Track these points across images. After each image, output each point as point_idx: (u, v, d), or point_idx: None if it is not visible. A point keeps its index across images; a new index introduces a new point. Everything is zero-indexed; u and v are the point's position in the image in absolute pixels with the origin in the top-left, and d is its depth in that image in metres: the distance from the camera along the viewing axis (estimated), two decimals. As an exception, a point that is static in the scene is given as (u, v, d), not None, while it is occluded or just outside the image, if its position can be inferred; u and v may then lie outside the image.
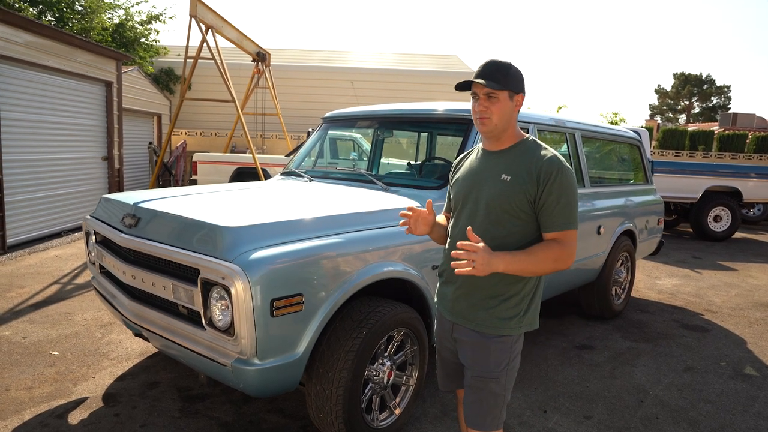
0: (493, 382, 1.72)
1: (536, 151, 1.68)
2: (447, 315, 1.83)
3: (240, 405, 2.85)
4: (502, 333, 1.71)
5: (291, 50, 17.84)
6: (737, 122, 19.40)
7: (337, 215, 2.43)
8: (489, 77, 1.64)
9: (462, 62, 16.72)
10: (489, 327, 1.71)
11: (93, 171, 8.12)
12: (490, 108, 1.66)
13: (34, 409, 2.73)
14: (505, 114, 1.68)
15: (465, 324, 1.76)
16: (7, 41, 5.99)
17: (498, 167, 1.71)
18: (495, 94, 1.65)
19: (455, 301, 1.78)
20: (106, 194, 3.03)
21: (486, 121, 1.68)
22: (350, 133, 8.28)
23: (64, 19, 12.64)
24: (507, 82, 1.66)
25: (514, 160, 1.69)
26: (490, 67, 1.67)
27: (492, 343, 1.71)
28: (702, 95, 42.60)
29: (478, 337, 1.73)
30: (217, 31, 8.21)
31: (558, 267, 1.63)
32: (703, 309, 5.11)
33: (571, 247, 1.63)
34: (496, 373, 1.72)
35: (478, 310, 1.72)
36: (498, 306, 1.70)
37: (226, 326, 2.03)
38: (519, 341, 1.76)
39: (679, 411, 3.01)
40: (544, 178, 1.62)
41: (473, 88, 1.69)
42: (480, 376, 1.73)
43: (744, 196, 9.43)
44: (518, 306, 1.72)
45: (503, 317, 1.70)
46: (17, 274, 5.17)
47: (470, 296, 1.74)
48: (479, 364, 1.73)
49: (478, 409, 1.73)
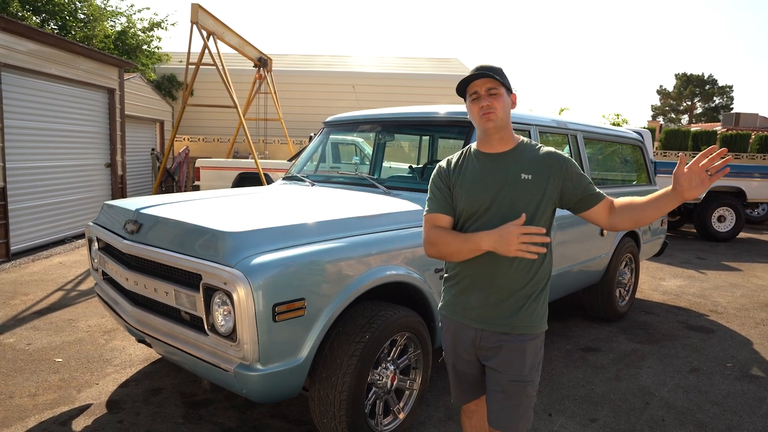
0: (529, 386, 1.73)
1: (539, 149, 1.76)
2: (472, 323, 1.76)
3: (243, 410, 2.84)
4: (537, 332, 1.73)
5: (292, 55, 17.89)
6: (740, 122, 19.35)
7: (339, 219, 2.42)
8: (489, 74, 1.68)
9: (463, 65, 16.73)
10: (527, 327, 1.72)
11: (96, 178, 8.15)
12: (493, 103, 1.69)
13: (38, 416, 2.73)
14: (507, 109, 1.72)
15: (500, 329, 1.72)
16: (11, 50, 6.02)
17: (514, 168, 1.72)
18: (496, 89, 1.69)
19: (485, 307, 1.73)
20: (109, 201, 3.03)
21: (492, 116, 1.69)
22: (352, 137, 8.28)
23: (67, 27, 12.71)
24: (503, 79, 1.71)
25: (526, 159, 1.73)
26: (484, 67, 1.72)
27: (528, 344, 1.72)
28: (704, 95, 42.52)
29: (514, 340, 1.71)
30: (219, 37, 8.24)
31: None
32: (708, 310, 5.09)
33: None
34: (532, 376, 1.74)
35: (516, 312, 1.71)
36: (532, 304, 1.72)
37: (229, 332, 2.02)
38: (543, 337, 1.80)
39: (685, 413, 2.99)
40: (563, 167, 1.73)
41: (472, 88, 1.71)
42: (518, 381, 1.72)
43: (748, 196, 9.39)
44: (545, 302, 1.76)
45: (538, 315, 1.73)
46: (21, 282, 5.18)
47: (507, 299, 1.71)
48: (516, 367, 1.72)
49: (514, 413, 1.72)
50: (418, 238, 2.59)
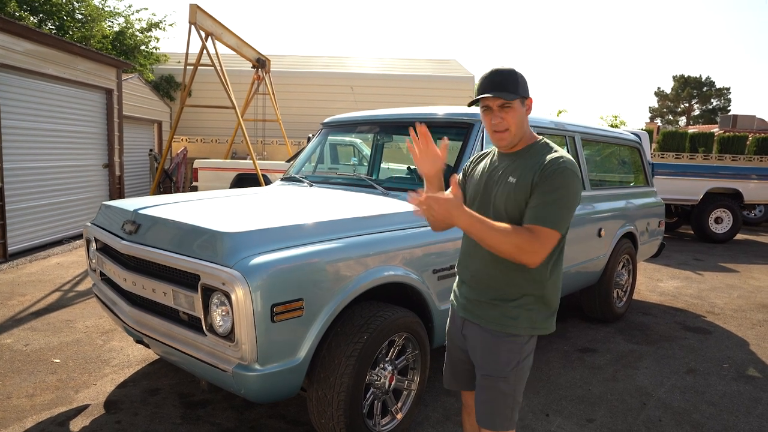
0: (501, 381, 1.71)
1: (545, 153, 1.67)
2: (459, 311, 1.84)
3: (242, 411, 2.84)
4: (512, 332, 1.69)
5: (291, 56, 17.90)
6: (737, 124, 19.43)
7: (337, 220, 2.43)
8: (500, 88, 1.62)
9: (461, 66, 16.75)
10: (499, 325, 1.70)
11: (94, 178, 8.14)
12: (506, 119, 1.64)
13: (36, 416, 2.73)
14: (521, 122, 1.67)
15: (475, 320, 1.76)
16: (8, 50, 6.02)
17: (507, 169, 1.70)
18: (509, 104, 1.63)
19: (467, 297, 1.79)
20: (107, 201, 3.03)
21: (504, 135, 1.66)
22: (350, 138, 8.29)
23: (65, 27, 12.70)
24: (517, 89, 1.64)
25: (522, 162, 1.68)
26: (497, 76, 1.64)
27: (502, 342, 1.70)
28: (702, 97, 42.65)
29: (488, 335, 1.72)
30: (217, 37, 8.24)
31: (519, 257, 1.53)
32: (705, 311, 5.10)
33: (542, 245, 1.54)
34: (506, 372, 1.70)
35: (488, 308, 1.72)
36: (509, 304, 1.69)
37: (227, 332, 2.03)
38: (531, 342, 1.74)
39: (682, 413, 3.00)
40: (541, 175, 1.59)
41: (484, 101, 1.66)
42: (488, 375, 1.72)
43: (745, 198, 9.42)
44: (530, 306, 1.69)
45: (513, 316, 1.69)
46: (18, 282, 5.17)
47: (481, 293, 1.74)
48: (488, 362, 1.73)
49: (488, 408, 1.74)
50: (416, 239, 2.60)
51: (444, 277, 2.72)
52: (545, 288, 1.71)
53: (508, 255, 1.54)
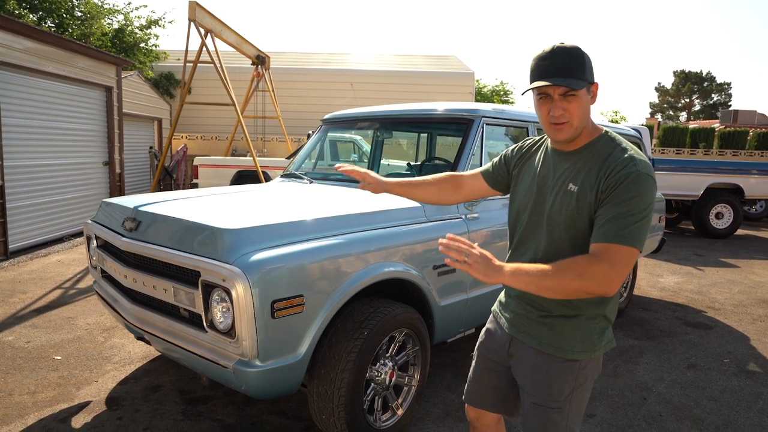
0: (554, 413, 1.48)
1: (613, 152, 1.36)
2: (506, 327, 1.59)
3: (242, 407, 2.85)
4: (567, 357, 1.44)
5: (290, 53, 17.87)
6: (738, 119, 19.41)
7: (337, 216, 2.43)
8: (564, 73, 1.31)
9: (461, 62, 16.71)
10: (552, 348, 1.46)
11: (94, 176, 8.14)
12: (569, 110, 1.34)
13: (38, 413, 2.74)
14: (586, 113, 1.38)
15: (525, 340, 1.51)
16: (8, 47, 6.01)
17: (566, 173, 1.41)
18: (573, 92, 1.33)
19: (515, 312, 1.56)
20: (107, 198, 3.03)
21: (565, 127, 1.36)
22: (350, 135, 8.28)
23: (64, 24, 12.68)
24: (584, 74, 1.33)
25: (585, 164, 1.39)
26: (562, 57, 1.32)
27: (554, 366, 1.46)
28: (702, 93, 42.58)
29: (540, 358, 1.48)
30: (217, 35, 8.23)
31: (587, 287, 1.26)
32: (705, 306, 5.10)
33: (614, 265, 1.24)
34: (559, 403, 1.47)
35: (540, 327, 1.48)
36: (565, 323, 1.44)
37: (228, 328, 2.03)
38: (589, 366, 1.48)
39: (682, 408, 3.01)
40: (611, 181, 1.30)
41: (542, 88, 1.36)
42: (539, 405, 1.49)
43: (746, 193, 9.41)
44: (589, 326, 1.44)
45: (569, 337, 1.44)
46: (20, 280, 5.18)
47: (531, 310, 1.50)
48: (539, 390, 1.49)
49: None
50: (416, 235, 2.60)
51: (444, 273, 2.72)
52: (607, 305, 1.45)
53: (581, 293, 1.28)
